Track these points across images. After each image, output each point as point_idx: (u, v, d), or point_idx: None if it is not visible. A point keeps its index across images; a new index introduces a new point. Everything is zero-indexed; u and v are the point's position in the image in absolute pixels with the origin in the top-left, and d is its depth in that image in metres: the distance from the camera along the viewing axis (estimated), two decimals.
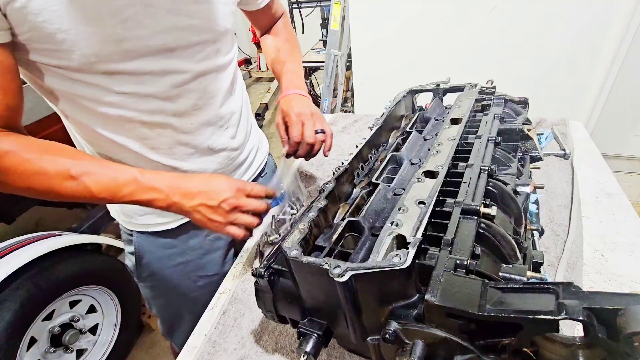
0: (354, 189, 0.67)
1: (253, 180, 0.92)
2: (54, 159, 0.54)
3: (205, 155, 0.75)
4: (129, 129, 0.65)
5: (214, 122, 0.74)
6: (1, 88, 0.52)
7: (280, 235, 0.60)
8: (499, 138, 0.66)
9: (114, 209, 0.84)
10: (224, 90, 0.74)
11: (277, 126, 0.80)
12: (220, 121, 0.75)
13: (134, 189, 0.57)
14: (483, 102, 0.80)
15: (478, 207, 0.46)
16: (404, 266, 0.38)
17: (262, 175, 0.95)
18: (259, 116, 3.65)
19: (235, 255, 0.92)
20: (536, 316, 0.31)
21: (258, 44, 4.69)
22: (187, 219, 0.74)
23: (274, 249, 0.56)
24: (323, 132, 0.76)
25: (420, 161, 0.67)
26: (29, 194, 0.55)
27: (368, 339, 0.45)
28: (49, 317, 1.38)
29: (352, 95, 2.34)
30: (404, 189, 0.56)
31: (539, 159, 0.73)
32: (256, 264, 0.55)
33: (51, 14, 0.50)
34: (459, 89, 0.90)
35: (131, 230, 0.82)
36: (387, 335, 0.40)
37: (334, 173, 0.63)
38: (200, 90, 0.69)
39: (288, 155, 0.77)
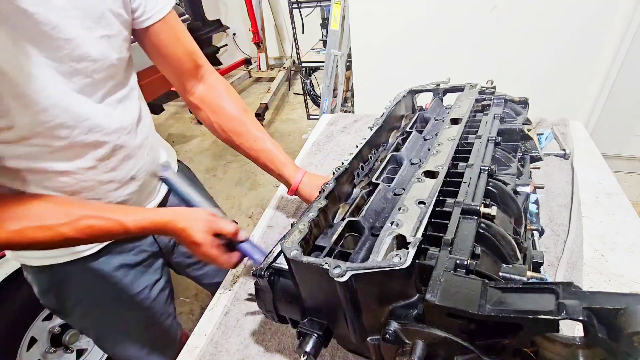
0: (354, 189, 0.67)
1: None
2: (46, 229, 0.56)
3: (126, 185, 0.71)
4: (40, 180, 0.60)
5: (134, 154, 0.70)
6: None
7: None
8: (499, 138, 0.66)
9: (9, 254, 0.77)
10: (135, 123, 0.70)
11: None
12: (139, 150, 0.72)
13: (126, 236, 0.63)
14: (483, 102, 0.80)
15: (478, 207, 0.46)
16: (404, 266, 0.38)
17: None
18: (259, 116, 3.65)
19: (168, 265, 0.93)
20: (536, 316, 0.31)
21: (258, 44, 4.70)
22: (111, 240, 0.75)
23: (273, 247, 0.56)
24: None
25: (420, 161, 0.67)
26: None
27: (368, 339, 0.45)
28: (49, 317, 1.38)
29: (352, 95, 2.34)
30: (404, 189, 0.56)
31: (539, 159, 0.73)
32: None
33: None
34: (459, 89, 0.90)
35: (37, 266, 0.73)
36: (387, 335, 0.40)
37: (334, 173, 0.63)
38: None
39: None
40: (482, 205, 0.47)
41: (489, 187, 0.54)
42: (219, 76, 0.82)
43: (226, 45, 4.91)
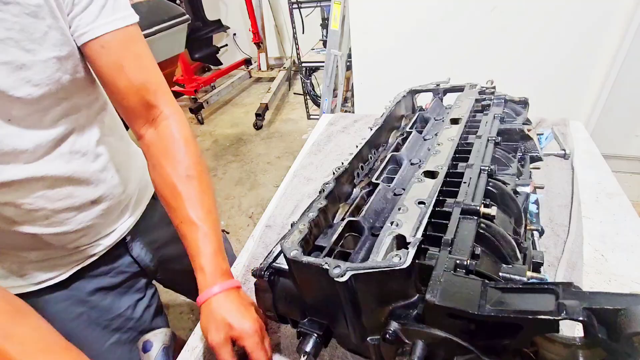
0: (354, 189, 0.67)
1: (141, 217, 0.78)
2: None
3: (87, 210, 0.65)
4: None
5: (93, 179, 0.63)
6: None
7: None
8: (499, 138, 0.66)
9: None
10: (93, 145, 0.63)
11: (218, 347, 0.54)
12: (99, 174, 0.64)
13: None
14: (483, 102, 0.80)
15: (478, 207, 0.46)
16: (404, 266, 0.38)
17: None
18: (259, 116, 3.64)
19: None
20: (536, 316, 0.31)
21: (258, 44, 4.70)
22: (83, 266, 0.69)
23: (273, 248, 0.56)
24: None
25: (420, 161, 0.67)
26: None
27: (368, 339, 0.45)
28: None
29: (352, 95, 2.34)
30: (404, 189, 0.56)
31: (539, 159, 0.73)
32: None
33: None
34: (459, 89, 0.90)
35: None
36: (387, 336, 0.40)
37: (334, 173, 0.63)
38: (67, 154, 0.58)
39: None
40: (482, 205, 0.47)
41: (488, 187, 0.54)
42: (177, 121, 0.65)
43: (226, 45, 4.91)
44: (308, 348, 0.47)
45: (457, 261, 0.40)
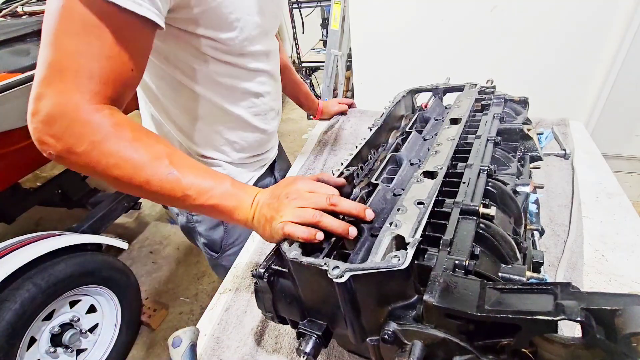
0: (354, 190, 0.67)
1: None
2: (153, 144, 0.53)
3: (277, 118, 0.96)
4: (242, 99, 0.82)
5: (278, 91, 0.95)
6: (137, 67, 0.56)
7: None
8: (499, 138, 0.66)
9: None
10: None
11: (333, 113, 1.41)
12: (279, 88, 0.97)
13: (223, 192, 0.54)
14: (483, 102, 0.80)
15: (477, 208, 0.46)
16: (403, 267, 0.38)
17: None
18: None
19: None
20: (534, 317, 0.31)
21: None
22: (258, 175, 0.97)
23: (273, 249, 0.56)
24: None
25: (419, 161, 0.66)
26: (113, 176, 0.52)
27: (367, 339, 0.45)
28: (49, 317, 1.38)
29: (352, 95, 2.34)
30: (403, 190, 0.56)
31: (539, 158, 0.73)
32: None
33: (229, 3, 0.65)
34: (458, 88, 0.90)
35: None
36: (386, 336, 0.40)
37: (333, 174, 0.63)
38: (276, 63, 0.91)
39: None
40: (481, 205, 0.47)
41: (488, 187, 0.54)
42: (285, 51, 1.17)
43: None
44: (308, 349, 0.47)
45: (456, 262, 0.40)
